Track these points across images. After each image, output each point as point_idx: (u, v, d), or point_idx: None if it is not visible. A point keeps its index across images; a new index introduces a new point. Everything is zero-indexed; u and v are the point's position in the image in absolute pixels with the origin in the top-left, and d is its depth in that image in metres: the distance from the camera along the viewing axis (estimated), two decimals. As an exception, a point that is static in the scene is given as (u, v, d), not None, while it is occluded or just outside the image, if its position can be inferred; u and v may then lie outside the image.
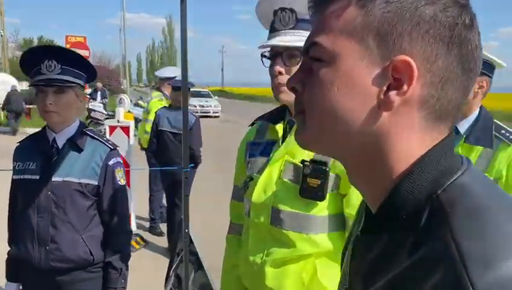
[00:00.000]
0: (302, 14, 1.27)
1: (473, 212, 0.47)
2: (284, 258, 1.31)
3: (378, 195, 0.56)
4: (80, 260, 1.75)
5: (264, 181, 1.35)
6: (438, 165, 0.52)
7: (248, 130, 1.58)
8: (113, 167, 1.80)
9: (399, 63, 0.51)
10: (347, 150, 0.57)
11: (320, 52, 0.55)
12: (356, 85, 0.53)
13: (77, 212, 1.74)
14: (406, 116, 0.53)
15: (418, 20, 0.51)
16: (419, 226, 0.49)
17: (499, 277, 0.41)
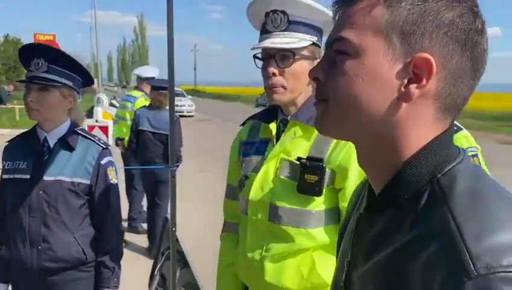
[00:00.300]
0: (294, 16, 1.30)
1: (468, 194, 0.54)
2: (282, 253, 1.34)
3: (384, 177, 0.62)
4: (73, 260, 1.74)
5: (260, 179, 1.38)
6: (439, 153, 0.59)
7: (240, 129, 1.60)
8: (105, 166, 1.80)
9: (420, 60, 0.57)
10: (365, 136, 0.63)
11: (347, 46, 0.61)
12: (379, 78, 0.59)
13: (69, 211, 1.73)
14: (422, 107, 0.59)
15: (438, 23, 0.57)
16: (420, 205, 0.56)
17: (491, 244, 0.48)
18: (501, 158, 11.00)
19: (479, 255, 0.47)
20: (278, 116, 1.44)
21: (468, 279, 0.46)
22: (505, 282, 0.45)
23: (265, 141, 1.45)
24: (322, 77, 0.64)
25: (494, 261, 0.46)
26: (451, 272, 0.48)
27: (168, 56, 2.20)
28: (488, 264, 0.46)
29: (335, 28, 0.64)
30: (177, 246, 2.49)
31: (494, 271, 0.45)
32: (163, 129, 4.34)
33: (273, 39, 1.30)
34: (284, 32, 1.31)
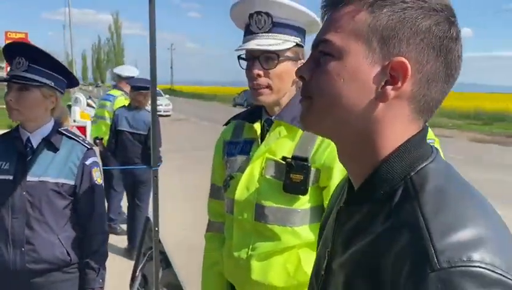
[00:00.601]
0: (278, 17, 1.31)
1: (438, 191, 0.58)
2: (269, 251, 1.35)
3: (362, 173, 0.67)
4: (57, 261, 1.72)
5: (246, 179, 1.39)
6: (414, 152, 0.64)
7: (223, 129, 1.60)
8: (90, 166, 1.79)
9: (396, 63, 0.61)
10: (344, 133, 0.67)
11: (331, 48, 0.65)
12: (359, 79, 0.63)
13: (53, 212, 1.72)
14: (398, 108, 0.63)
15: (416, 30, 0.61)
16: (394, 201, 0.61)
17: (454, 240, 0.51)
18: (474, 155, 11.33)
19: (442, 250, 0.51)
20: (262, 116, 1.46)
21: (432, 271, 0.50)
22: (464, 275, 0.48)
23: (249, 141, 1.46)
24: (307, 75, 0.68)
25: (456, 256, 0.50)
26: (418, 265, 0.51)
27: (151, 57, 2.19)
28: (450, 259, 0.50)
29: (321, 30, 0.68)
30: (159, 247, 2.48)
31: (455, 265, 0.49)
32: (142, 129, 4.31)
33: (258, 40, 1.32)
34: (268, 33, 1.32)
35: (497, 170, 9.43)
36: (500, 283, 0.48)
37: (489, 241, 0.52)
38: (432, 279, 0.49)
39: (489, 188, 7.83)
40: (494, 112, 23.41)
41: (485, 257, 0.50)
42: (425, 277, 0.50)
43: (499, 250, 0.51)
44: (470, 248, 0.50)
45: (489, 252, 0.50)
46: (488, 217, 0.56)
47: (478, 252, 0.50)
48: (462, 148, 12.76)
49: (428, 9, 0.61)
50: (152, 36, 2.16)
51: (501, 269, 0.49)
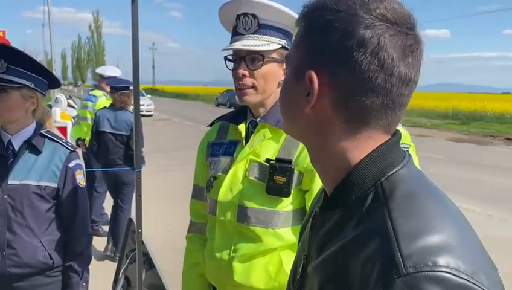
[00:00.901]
0: (264, 19, 1.33)
1: (407, 197, 0.60)
2: (251, 253, 1.36)
3: (334, 179, 0.69)
4: (39, 265, 1.70)
5: (229, 180, 1.39)
6: (384, 159, 0.65)
7: (207, 130, 1.60)
8: (73, 169, 1.77)
9: (308, 76, 0.64)
10: (306, 141, 0.72)
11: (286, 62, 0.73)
12: (292, 90, 0.69)
13: (36, 215, 1.69)
14: (325, 118, 0.65)
15: (326, 43, 0.63)
16: (365, 207, 0.62)
17: (420, 246, 0.52)
18: (452, 155, 11.56)
19: (409, 255, 0.52)
20: (247, 117, 1.46)
21: (398, 276, 0.51)
22: (429, 280, 0.50)
23: (234, 142, 1.46)
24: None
25: (421, 261, 0.51)
26: (385, 269, 0.53)
27: (133, 57, 2.18)
28: (415, 264, 0.51)
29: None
30: (142, 248, 2.48)
31: (421, 270, 0.50)
32: (124, 130, 4.28)
33: (244, 41, 1.33)
34: (254, 35, 1.34)
35: (474, 168, 9.64)
36: (464, 288, 0.50)
37: (454, 247, 0.53)
38: (398, 284, 0.50)
39: (465, 187, 8.02)
40: (472, 112, 23.91)
41: (450, 262, 0.51)
42: (392, 282, 0.51)
43: (464, 255, 0.52)
44: (436, 253, 0.51)
45: (455, 257, 0.51)
46: (455, 223, 0.57)
47: (443, 257, 0.51)
48: (440, 147, 13.01)
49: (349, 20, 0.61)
50: (135, 36, 2.15)
51: (466, 274, 0.50)
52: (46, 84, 1.77)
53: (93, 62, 66.50)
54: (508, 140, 15.63)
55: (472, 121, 21.97)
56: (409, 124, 20.59)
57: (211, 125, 1.61)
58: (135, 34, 2.16)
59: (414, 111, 26.24)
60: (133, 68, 2.25)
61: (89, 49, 71.53)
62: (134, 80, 2.29)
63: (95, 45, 66.99)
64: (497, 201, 6.85)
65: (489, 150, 13.18)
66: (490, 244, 3.73)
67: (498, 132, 17.92)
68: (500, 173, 9.22)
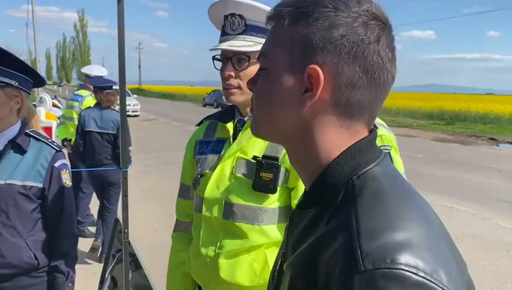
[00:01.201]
0: (251, 20, 1.34)
1: (375, 195, 0.60)
2: (236, 249, 1.36)
3: (310, 178, 0.70)
4: (24, 265, 1.68)
5: (216, 177, 1.40)
6: (358, 157, 0.66)
7: (196, 129, 1.61)
8: (59, 168, 1.75)
9: (311, 71, 0.64)
10: (283, 140, 0.72)
11: (263, 60, 0.70)
12: (284, 88, 0.67)
13: (20, 216, 1.67)
14: (321, 114, 0.66)
15: (328, 38, 0.64)
16: (336, 204, 0.63)
17: (380, 243, 0.53)
18: (436, 154, 11.72)
19: (368, 252, 0.52)
20: (235, 116, 1.48)
21: (356, 273, 0.51)
22: (386, 277, 0.50)
23: (221, 140, 1.47)
24: (252, 86, 0.73)
25: (380, 258, 0.51)
26: (346, 266, 0.53)
27: (119, 57, 2.18)
28: (374, 261, 0.51)
29: (264, 43, 0.73)
30: (129, 248, 2.47)
31: (378, 267, 0.50)
32: (111, 129, 4.25)
33: (231, 42, 1.35)
34: (241, 35, 1.35)
35: (458, 168, 9.79)
36: (422, 286, 0.49)
37: (416, 245, 0.53)
38: (356, 281, 0.51)
39: (449, 186, 8.15)
40: (456, 112, 24.26)
41: (409, 260, 0.51)
42: (350, 279, 0.51)
43: (425, 254, 0.52)
44: (395, 251, 0.52)
45: (414, 256, 0.51)
46: (421, 221, 0.57)
47: (402, 255, 0.51)
48: (425, 147, 13.18)
49: (344, 16, 0.63)
50: (121, 36, 2.15)
51: (424, 272, 0.50)
52: (30, 82, 1.75)
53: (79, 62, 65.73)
54: (491, 140, 15.90)
55: (456, 121, 22.29)
56: (395, 124, 20.81)
57: (199, 125, 1.62)
58: (121, 34, 2.16)
59: (400, 111, 26.54)
60: (119, 68, 2.24)
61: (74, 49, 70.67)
62: (120, 80, 2.28)
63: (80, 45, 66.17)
64: (481, 200, 6.97)
65: (473, 149, 13.39)
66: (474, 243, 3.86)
67: (482, 131, 18.22)
68: (484, 172, 9.38)
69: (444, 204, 6.57)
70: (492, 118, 22.33)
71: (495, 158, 11.61)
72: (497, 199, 7.09)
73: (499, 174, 9.18)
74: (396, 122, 21.36)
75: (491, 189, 7.78)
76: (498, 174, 9.25)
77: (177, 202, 1.66)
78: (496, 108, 24.01)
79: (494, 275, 4.24)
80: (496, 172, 9.43)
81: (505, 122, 21.51)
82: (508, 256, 4.70)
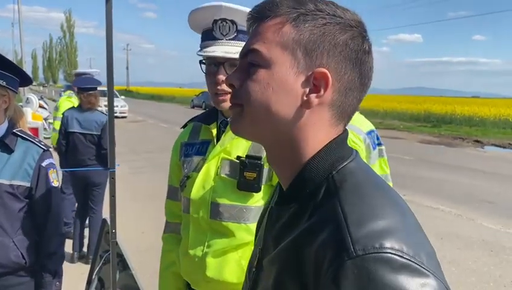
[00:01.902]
0: (242, 25, 1.34)
1: (356, 188, 0.64)
2: (224, 248, 1.38)
3: (290, 175, 0.72)
4: (11, 265, 1.68)
5: (202, 178, 1.42)
6: (335, 153, 0.70)
7: (181, 131, 1.63)
8: (46, 168, 1.75)
9: (319, 74, 0.67)
10: (273, 138, 0.73)
11: (259, 58, 0.70)
12: (286, 87, 0.69)
13: (8, 215, 1.67)
14: (320, 114, 0.70)
15: (334, 43, 0.68)
16: (318, 199, 0.67)
17: (368, 230, 0.57)
18: (422, 156, 11.86)
19: (358, 239, 0.56)
20: (218, 118, 1.50)
21: (348, 258, 0.55)
22: (376, 260, 0.54)
23: (206, 142, 1.49)
24: (237, 83, 0.72)
25: (369, 244, 0.55)
26: (337, 253, 0.57)
27: (107, 58, 2.18)
28: (364, 247, 0.55)
29: (249, 40, 0.73)
30: (116, 249, 2.46)
31: (369, 252, 0.55)
32: (94, 129, 4.20)
33: (224, 47, 1.34)
34: (233, 40, 1.35)
35: (444, 170, 9.93)
36: (407, 267, 0.54)
37: (398, 231, 0.58)
38: (349, 266, 0.55)
39: (435, 187, 8.26)
40: (443, 115, 24.56)
41: (394, 244, 0.56)
42: (343, 264, 0.55)
43: (406, 238, 0.57)
44: (382, 237, 0.56)
45: (398, 240, 0.56)
46: (398, 210, 0.62)
47: (388, 240, 0.56)
48: (412, 149, 13.34)
49: (344, 25, 0.68)
50: (109, 38, 2.15)
51: (408, 255, 0.55)
52: (17, 81, 1.75)
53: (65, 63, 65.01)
54: (476, 142, 16.15)
55: (443, 124, 22.57)
56: (382, 126, 21.00)
57: (184, 127, 1.63)
58: (109, 35, 2.16)
59: (387, 114, 26.79)
60: (107, 69, 2.24)
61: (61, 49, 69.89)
62: (108, 81, 2.28)
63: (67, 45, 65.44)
64: (466, 201, 7.08)
65: (458, 151, 13.59)
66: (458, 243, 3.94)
67: (467, 134, 18.48)
68: (469, 173, 9.53)
69: (430, 205, 6.67)
70: (478, 121, 22.66)
71: (480, 160, 11.80)
72: (481, 200, 7.21)
73: (483, 176, 9.33)
74: (384, 125, 21.56)
75: (475, 190, 7.90)
76: (482, 175, 9.40)
77: (166, 204, 1.67)
78: (481, 111, 24.36)
79: (478, 274, 4.31)
80: (481, 174, 9.59)
81: (490, 124, 21.85)
82: (490, 256, 4.79)
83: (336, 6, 0.69)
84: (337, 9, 0.69)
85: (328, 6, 0.69)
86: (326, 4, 0.69)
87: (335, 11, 0.68)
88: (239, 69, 0.74)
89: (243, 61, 0.73)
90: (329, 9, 0.68)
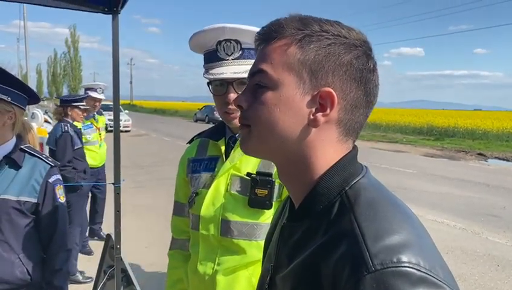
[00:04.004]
0: (246, 44, 1.35)
1: (370, 203, 0.65)
2: (235, 265, 1.37)
3: (302, 191, 0.73)
4: (17, 281, 1.68)
5: (211, 195, 1.41)
6: (347, 169, 0.71)
7: (187, 147, 1.62)
8: (53, 184, 1.76)
9: (324, 93, 0.69)
10: (282, 156, 0.74)
11: (267, 79, 0.72)
12: (293, 107, 0.70)
13: (14, 231, 1.68)
14: (327, 131, 0.71)
15: (339, 63, 0.69)
16: (332, 214, 0.68)
17: (386, 245, 0.58)
18: (425, 169, 11.81)
19: (376, 253, 0.57)
20: (226, 133, 1.49)
21: (367, 273, 0.56)
22: (394, 274, 0.55)
23: (214, 158, 1.48)
24: (245, 105, 0.74)
25: (387, 258, 0.57)
26: (355, 268, 0.57)
27: (114, 75, 2.21)
28: (382, 261, 0.56)
29: (256, 61, 0.75)
30: (120, 264, 2.46)
31: (387, 266, 0.56)
32: (51, 144, 4.17)
33: (232, 68, 1.35)
34: (239, 60, 1.36)
35: (447, 183, 9.88)
36: (424, 280, 0.56)
37: (414, 245, 0.59)
38: (368, 280, 0.56)
39: (439, 201, 8.21)
40: (445, 128, 24.54)
41: (411, 258, 0.57)
42: (362, 279, 0.56)
43: (422, 252, 0.59)
44: (399, 251, 0.57)
45: (415, 254, 0.58)
46: (412, 225, 0.64)
47: (406, 254, 0.57)
48: (415, 162, 13.30)
49: (349, 45, 0.70)
50: (115, 54, 2.18)
51: (425, 268, 0.57)
52: (25, 99, 1.77)
53: (70, 77, 65.51)
54: (480, 155, 16.10)
55: (445, 137, 22.53)
56: (385, 139, 20.99)
57: (190, 142, 1.63)
58: (115, 52, 2.19)
59: (390, 127, 26.79)
60: (113, 84, 2.27)
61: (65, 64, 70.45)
62: (114, 96, 2.31)
63: (71, 60, 66.00)
64: (471, 215, 7.03)
65: (461, 165, 13.54)
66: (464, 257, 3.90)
67: (470, 147, 18.43)
68: (472, 187, 9.48)
69: (434, 219, 6.63)
70: (481, 134, 22.62)
71: (484, 173, 11.75)
72: (486, 213, 7.16)
73: (487, 189, 9.28)
74: (386, 138, 21.55)
75: (480, 204, 7.86)
76: (487, 189, 9.35)
77: (172, 220, 1.66)
78: (484, 124, 24.35)
79: (484, 289, 4.27)
80: (485, 187, 9.54)
81: (493, 137, 21.80)
82: (497, 270, 4.74)
83: (341, 27, 0.71)
84: (342, 30, 0.71)
85: (333, 26, 0.70)
86: (331, 25, 0.71)
87: (340, 32, 0.70)
88: (247, 90, 0.75)
89: (250, 82, 0.75)
90: (334, 30, 0.70)
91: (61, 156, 4.12)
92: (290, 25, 0.71)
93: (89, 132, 4.88)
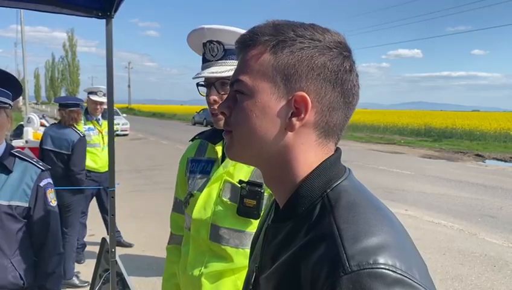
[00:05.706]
0: (229, 44, 1.38)
1: (350, 206, 0.67)
2: (221, 270, 1.40)
3: (285, 194, 0.75)
4: (9, 285, 1.67)
5: (204, 199, 1.44)
6: (329, 172, 0.73)
7: (189, 145, 1.66)
8: (44, 188, 1.76)
9: (298, 97, 0.70)
10: (263, 161, 0.76)
11: (243, 87, 0.73)
12: (269, 113, 0.72)
13: (6, 235, 1.67)
14: (305, 135, 0.72)
15: (312, 66, 0.70)
16: (313, 216, 0.69)
17: (363, 246, 0.59)
18: (423, 170, 11.83)
19: (353, 255, 0.58)
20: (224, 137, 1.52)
21: (344, 274, 0.57)
22: (370, 276, 0.56)
23: (211, 161, 1.51)
24: (227, 111, 0.76)
25: (364, 260, 0.58)
26: (332, 269, 0.59)
27: (108, 77, 2.22)
28: (359, 262, 0.58)
29: (236, 70, 0.77)
30: (116, 268, 2.46)
31: (363, 268, 0.57)
32: (64, 148, 4.12)
33: (212, 68, 1.38)
34: (221, 60, 1.39)
35: (445, 184, 9.90)
36: (400, 282, 0.57)
37: (391, 247, 0.60)
38: (344, 281, 0.57)
39: (437, 202, 8.22)
40: (443, 129, 24.59)
41: (387, 260, 0.58)
42: (338, 280, 0.57)
43: (399, 254, 0.60)
44: (376, 253, 0.59)
45: (391, 256, 0.59)
46: (390, 227, 0.65)
47: (382, 256, 0.58)
48: (413, 164, 13.32)
49: (322, 47, 0.70)
50: (109, 58, 2.19)
51: (401, 270, 0.58)
52: (9, 95, 1.72)
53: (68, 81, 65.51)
54: (478, 156, 16.12)
55: (443, 138, 22.57)
56: (383, 141, 21.02)
57: (192, 140, 1.66)
58: (109, 56, 2.20)
59: (388, 128, 26.85)
60: (107, 88, 2.28)
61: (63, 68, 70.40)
62: (108, 100, 2.31)
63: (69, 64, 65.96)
64: (468, 215, 7.05)
65: (459, 166, 13.56)
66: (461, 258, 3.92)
67: (468, 148, 18.47)
68: (470, 188, 9.50)
69: (432, 219, 6.64)
70: (478, 135, 22.67)
71: (481, 174, 11.76)
72: (483, 214, 7.17)
73: (485, 190, 9.30)
74: (384, 139, 21.59)
75: (477, 205, 7.87)
76: (484, 190, 9.37)
77: (171, 216, 1.70)
78: (482, 125, 24.40)
79: (481, 289, 4.28)
80: (482, 188, 9.55)
81: (491, 138, 21.85)
82: (494, 271, 4.75)
83: (315, 30, 0.72)
84: (316, 33, 0.71)
85: (307, 30, 0.71)
86: (305, 29, 0.72)
87: (313, 35, 0.71)
88: (228, 97, 0.77)
89: (231, 89, 0.77)
90: (308, 34, 0.71)
91: (79, 161, 4.14)
92: (264, 32, 0.72)
93: (90, 134, 4.88)
